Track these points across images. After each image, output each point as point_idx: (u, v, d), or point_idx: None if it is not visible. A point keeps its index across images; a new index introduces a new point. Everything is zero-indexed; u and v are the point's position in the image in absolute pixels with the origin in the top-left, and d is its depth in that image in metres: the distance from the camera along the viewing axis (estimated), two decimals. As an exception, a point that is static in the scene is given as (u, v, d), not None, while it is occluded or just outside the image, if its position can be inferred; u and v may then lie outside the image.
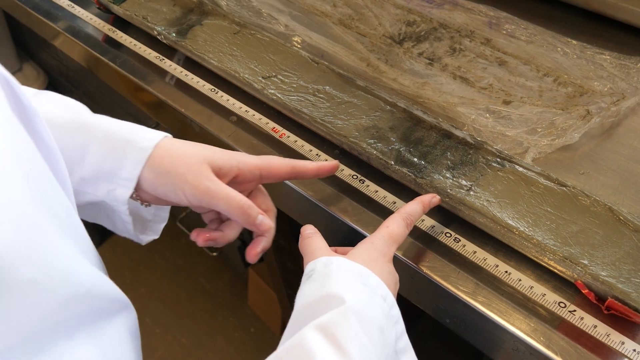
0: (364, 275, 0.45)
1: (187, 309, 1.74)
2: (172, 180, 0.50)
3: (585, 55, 0.71)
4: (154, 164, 0.51)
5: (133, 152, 0.51)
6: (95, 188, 0.53)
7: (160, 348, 1.67)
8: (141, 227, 0.59)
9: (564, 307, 0.51)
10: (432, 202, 0.56)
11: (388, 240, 0.50)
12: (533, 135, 0.63)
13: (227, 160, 0.52)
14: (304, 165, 0.56)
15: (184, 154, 0.51)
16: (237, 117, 0.73)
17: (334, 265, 0.46)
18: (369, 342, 0.41)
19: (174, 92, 0.78)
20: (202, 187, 0.50)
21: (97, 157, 0.52)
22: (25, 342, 0.31)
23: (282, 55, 0.73)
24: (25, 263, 0.30)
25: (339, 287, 0.43)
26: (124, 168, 0.51)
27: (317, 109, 0.66)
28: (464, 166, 0.58)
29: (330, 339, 0.40)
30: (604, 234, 0.51)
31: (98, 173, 0.52)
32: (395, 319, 0.45)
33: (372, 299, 0.44)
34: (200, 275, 1.81)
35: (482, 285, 0.55)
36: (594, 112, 0.64)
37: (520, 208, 0.54)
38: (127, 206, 0.53)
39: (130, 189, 0.52)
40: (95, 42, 0.88)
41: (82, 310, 0.36)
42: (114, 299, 0.40)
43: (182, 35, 0.78)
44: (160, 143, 0.52)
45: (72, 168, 0.52)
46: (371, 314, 0.43)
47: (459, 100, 0.69)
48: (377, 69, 0.75)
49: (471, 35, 0.77)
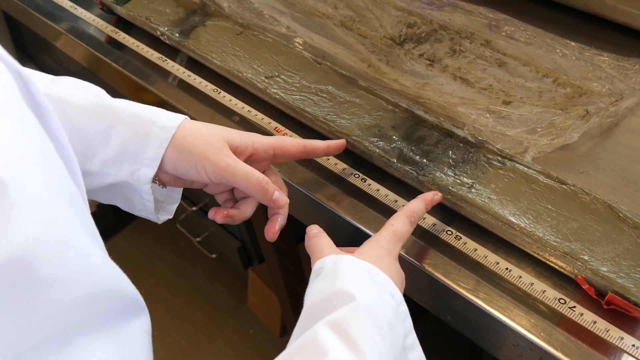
0: (372, 272, 0.46)
1: (186, 311, 1.74)
2: (194, 158, 0.53)
3: (584, 57, 0.72)
4: (177, 143, 0.53)
5: (158, 132, 0.53)
6: (119, 169, 0.54)
7: (160, 350, 1.67)
8: (155, 208, 0.60)
9: (564, 304, 0.52)
10: (434, 199, 0.56)
11: (393, 238, 0.51)
12: (533, 135, 0.64)
13: (244, 139, 0.55)
14: (313, 144, 0.59)
15: (204, 133, 0.54)
16: (239, 117, 0.74)
17: (342, 263, 0.46)
18: (379, 337, 0.41)
19: (176, 92, 0.79)
20: (223, 164, 0.52)
21: (122, 138, 0.54)
22: (48, 340, 0.31)
23: (285, 55, 0.73)
24: (48, 259, 0.29)
25: (349, 284, 0.44)
26: (149, 147, 0.53)
27: (319, 108, 0.66)
28: (465, 164, 0.59)
29: (341, 335, 0.40)
30: (603, 231, 0.52)
31: (123, 154, 0.54)
32: (403, 316, 0.46)
33: (381, 296, 0.45)
34: (200, 277, 1.81)
35: (483, 282, 0.55)
36: (592, 112, 0.64)
37: (521, 205, 0.55)
38: (150, 185, 0.55)
39: (154, 168, 0.54)
40: (98, 43, 0.89)
41: (102, 308, 0.35)
42: (132, 298, 0.39)
43: (186, 36, 0.79)
44: (182, 123, 0.54)
45: (95, 149, 0.54)
46: (380, 310, 0.43)
47: (459, 100, 0.70)
48: (378, 70, 0.76)
49: (471, 36, 0.78)
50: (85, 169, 0.55)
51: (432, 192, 0.57)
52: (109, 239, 1.94)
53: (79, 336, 0.33)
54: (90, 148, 0.54)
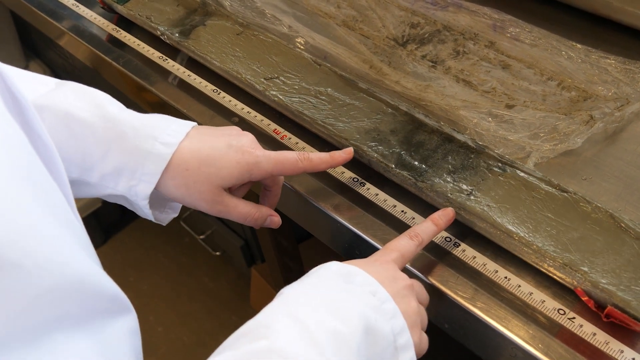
0: (351, 274, 0.46)
1: (189, 308, 1.75)
2: (187, 199, 0.56)
3: (589, 59, 0.71)
4: (173, 173, 0.55)
5: (159, 148, 0.54)
6: (117, 183, 0.55)
7: (162, 346, 1.67)
8: (160, 207, 0.61)
9: (563, 314, 0.51)
10: (443, 215, 0.55)
11: (383, 249, 0.52)
12: (535, 140, 0.63)
13: (241, 177, 0.56)
14: (315, 165, 0.58)
15: (199, 178, 0.54)
16: (238, 118, 0.73)
17: (322, 268, 0.47)
18: (343, 327, 0.41)
19: (176, 92, 0.78)
20: (215, 210, 0.56)
21: (121, 153, 0.54)
22: (19, 334, 0.30)
23: (285, 56, 0.72)
24: (9, 246, 0.29)
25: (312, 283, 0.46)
26: (147, 163, 0.54)
27: (318, 110, 0.65)
28: (464, 170, 0.58)
29: (295, 321, 0.41)
30: (604, 241, 0.51)
31: (121, 169, 0.54)
32: (390, 314, 0.45)
33: (353, 294, 0.45)
34: (203, 274, 1.81)
35: (481, 290, 0.54)
36: (597, 118, 0.63)
37: (520, 213, 0.54)
38: (147, 200, 0.55)
39: (152, 184, 0.54)
40: (99, 41, 0.88)
41: (78, 305, 0.35)
42: (114, 297, 0.39)
43: (185, 36, 0.78)
44: (182, 144, 0.55)
45: (93, 163, 0.54)
46: (350, 305, 0.43)
47: (461, 103, 0.69)
48: (380, 71, 0.75)
49: (475, 38, 0.77)
50: (83, 180, 0.55)
51: (441, 210, 0.56)
52: (114, 235, 1.94)
53: (56, 331, 0.33)
54: (88, 161, 0.54)
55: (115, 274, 1.96)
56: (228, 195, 0.57)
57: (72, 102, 0.55)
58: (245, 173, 0.56)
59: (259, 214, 0.59)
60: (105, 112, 0.55)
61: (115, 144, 0.54)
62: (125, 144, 0.54)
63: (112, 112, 0.55)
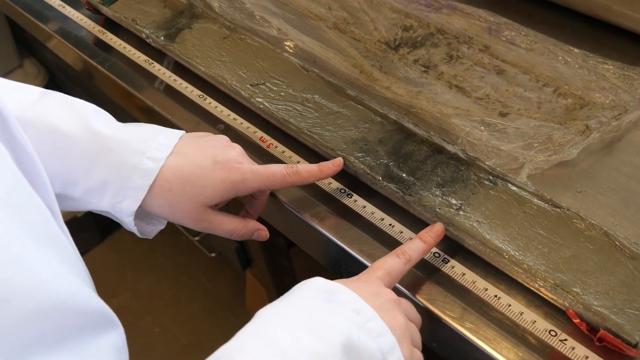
0: (334, 291, 0.45)
1: (187, 308, 1.73)
2: (171, 217, 0.55)
3: (587, 65, 0.68)
4: (156, 194, 0.53)
5: (146, 163, 0.52)
6: (101, 199, 0.54)
7: (160, 347, 1.66)
8: (147, 218, 0.59)
9: (554, 336, 0.49)
10: (432, 232, 0.53)
11: (369, 268, 0.50)
12: (529, 151, 0.60)
13: (225, 196, 0.54)
14: (303, 178, 0.57)
15: (183, 197, 0.53)
16: (224, 126, 0.71)
17: (305, 285, 0.46)
18: (323, 347, 0.40)
19: (162, 98, 0.76)
20: (200, 227, 0.55)
21: (105, 168, 0.52)
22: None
23: (272, 61, 0.70)
24: None
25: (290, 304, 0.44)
26: (133, 179, 0.52)
27: (304, 119, 0.63)
28: (454, 183, 0.56)
29: (270, 344, 0.40)
30: (598, 260, 0.48)
31: (105, 184, 0.53)
32: (377, 332, 0.43)
33: (335, 313, 0.43)
34: (201, 274, 1.80)
35: (469, 309, 0.52)
36: (593, 127, 0.61)
37: (511, 230, 0.51)
38: (132, 217, 0.54)
39: (138, 201, 0.53)
40: (85, 44, 0.86)
41: (60, 325, 0.34)
42: (98, 314, 0.38)
43: (171, 39, 0.76)
44: (167, 162, 0.53)
45: (77, 177, 0.53)
46: (329, 324, 0.42)
47: (453, 111, 0.66)
48: (370, 76, 0.72)
49: (469, 41, 0.74)
50: (67, 194, 0.54)
51: (429, 226, 0.54)
52: (111, 234, 1.93)
53: (36, 353, 0.32)
54: (72, 175, 0.53)
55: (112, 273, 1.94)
56: (213, 213, 0.55)
57: (56, 114, 0.53)
58: (231, 190, 0.54)
59: (245, 230, 0.57)
60: (91, 125, 0.53)
61: (100, 158, 0.52)
62: (111, 158, 0.52)
63: (97, 125, 0.53)
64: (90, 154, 0.52)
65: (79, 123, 0.53)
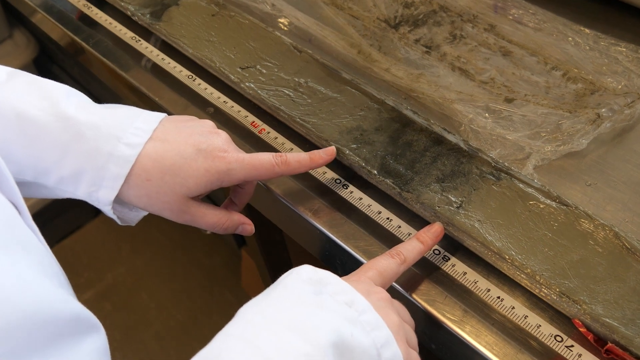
0: (323, 282, 0.42)
1: (183, 284, 1.71)
2: (150, 209, 0.51)
3: (598, 47, 0.64)
4: (133, 183, 0.49)
5: (123, 150, 0.48)
6: (76, 188, 0.50)
7: (155, 323, 1.64)
8: (129, 205, 0.55)
9: (560, 342, 0.46)
10: (430, 232, 0.50)
11: (361, 268, 0.47)
12: (536, 140, 0.57)
13: (208, 187, 0.51)
14: (293, 168, 0.53)
15: (162, 188, 0.49)
16: (214, 109, 0.67)
17: (291, 275, 0.43)
18: (310, 348, 0.37)
19: (148, 78, 0.72)
20: (181, 220, 0.52)
21: (79, 156, 0.48)
22: None
23: (263, 41, 0.66)
24: None
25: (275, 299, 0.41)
26: (110, 167, 0.48)
27: (296, 106, 0.59)
28: (455, 178, 0.52)
29: (252, 347, 0.37)
30: (607, 265, 0.45)
31: (80, 173, 0.49)
32: (371, 325, 0.40)
33: (324, 308, 0.40)
34: (197, 250, 1.77)
35: (470, 312, 0.49)
36: (604, 116, 0.57)
37: (514, 231, 0.48)
38: (110, 206, 0.50)
39: (115, 190, 0.49)
40: (69, 19, 0.82)
41: (34, 334, 0.32)
42: (75, 319, 0.35)
43: (157, 17, 0.71)
44: (146, 148, 0.49)
45: (49, 166, 0.49)
46: (317, 321, 0.39)
47: (456, 95, 0.62)
48: (368, 57, 0.68)
49: (474, 20, 0.70)
50: (40, 183, 0.50)
51: (427, 226, 0.51)
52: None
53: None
54: (43, 164, 0.49)
55: (107, 248, 1.92)
56: (195, 204, 0.52)
57: (24, 98, 0.49)
58: (215, 181, 0.51)
59: (229, 223, 0.54)
60: (61, 109, 0.49)
61: (72, 146, 0.48)
62: (84, 146, 0.48)
63: (69, 109, 0.49)
64: (62, 142, 0.48)
65: (49, 108, 0.48)
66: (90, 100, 0.53)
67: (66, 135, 0.48)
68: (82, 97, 0.52)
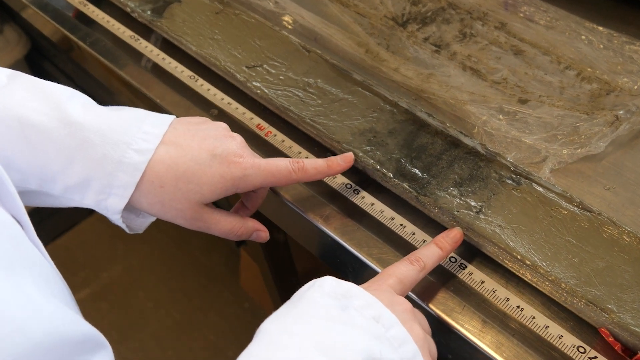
0: (348, 295, 0.40)
1: (180, 283, 1.69)
2: (162, 216, 0.50)
3: (612, 45, 0.63)
4: (146, 190, 0.47)
5: (132, 156, 0.46)
6: (83, 196, 0.48)
7: (152, 322, 1.62)
8: (137, 211, 0.53)
9: (583, 353, 0.45)
10: (449, 237, 0.49)
11: (379, 275, 0.46)
12: (553, 143, 0.55)
13: (224, 193, 0.49)
14: (309, 175, 0.52)
15: (176, 195, 0.48)
16: (218, 111, 0.65)
17: (313, 288, 0.41)
18: None
19: (149, 78, 0.70)
20: (194, 227, 0.50)
21: (86, 163, 0.46)
22: None
23: (270, 40, 0.64)
24: None
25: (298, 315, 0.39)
26: (119, 174, 0.46)
27: (306, 106, 0.58)
28: (473, 182, 0.51)
29: None
30: (634, 273, 0.44)
31: (87, 180, 0.47)
32: (399, 341, 0.39)
33: (352, 325, 0.38)
34: (195, 247, 1.75)
35: (490, 322, 0.48)
36: (622, 118, 0.56)
37: (537, 237, 0.47)
38: (120, 215, 0.49)
39: (125, 199, 0.47)
40: (65, 17, 0.79)
41: (42, 358, 0.31)
42: (83, 339, 0.34)
43: (158, 14, 0.69)
44: (155, 157, 0.47)
45: (54, 175, 0.46)
46: (345, 339, 0.37)
47: (468, 96, 0.61)
48: (376, 57, 0.66)
49: (484, 17, 0.68)
50: (45, 191, 0.48)
51: (446, 231, 0.49)
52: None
53: None
54: (48, 172, 0.46)
55: (103, 246, 1.89)
56: (209, 211, 0.50)
57: (26, 103, 0.46)
58: (230, 187, 0.49)
59: (243, 229, 0.52)
60: (66, 114, 0.46)
61: (79, 153, 0.46)
62: (91, 153, 0.46)
63: (73, 113, 0.47)
64: (67, 149, 0.46)
65: (52, 112, 0.46)
66: (94, 102, 0.50)
67: (72, 141, 0.46)
68: (85, 99, 0.50)
